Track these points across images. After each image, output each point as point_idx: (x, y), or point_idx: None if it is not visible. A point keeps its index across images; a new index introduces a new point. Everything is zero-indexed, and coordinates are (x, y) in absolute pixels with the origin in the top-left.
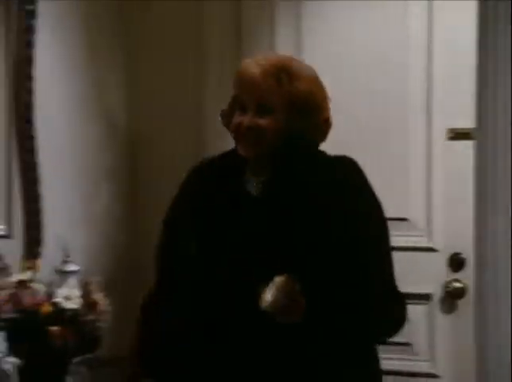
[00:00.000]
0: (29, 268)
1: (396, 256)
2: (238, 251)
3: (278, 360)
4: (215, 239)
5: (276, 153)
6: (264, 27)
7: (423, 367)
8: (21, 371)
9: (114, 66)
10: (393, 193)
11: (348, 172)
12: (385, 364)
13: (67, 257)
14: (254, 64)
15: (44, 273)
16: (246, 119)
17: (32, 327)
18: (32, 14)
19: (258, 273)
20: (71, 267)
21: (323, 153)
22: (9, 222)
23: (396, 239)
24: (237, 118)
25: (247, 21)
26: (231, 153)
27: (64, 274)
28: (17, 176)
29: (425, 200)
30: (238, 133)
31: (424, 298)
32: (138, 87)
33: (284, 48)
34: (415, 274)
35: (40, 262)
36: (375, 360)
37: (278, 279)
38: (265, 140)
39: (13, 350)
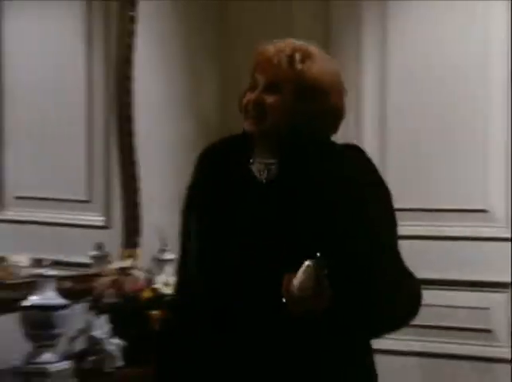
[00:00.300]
0: (128, 256)
1: (476, 246)
2: (246, 235)
3: (285, 346)
4: (223, 224)
5: (282, 136)
6: (351, 26)
7: (502, 353)
8: (125, 352)
9: (208, 66)
10: (473, 185)
11: (356, 160)
12: (465, 349)
13: (165, 246)
14: (270, 46)
15: (143, 261)
16: (253, 95)
17: (133, 311)
18: (132, 19)
19: (265, 257)
20: (169, 256)
21: (331, 141)
22: (108, 214)
23: (476, 230)
24: (247, 96)
25: (335, 20)
26: (240, 136)
27: (162, 262)
28: (116, 171)
29: (505, 191)
30: (246, 109)
31: (504, 286)
32: (231, 88)
33: (370, 46)
34: (495, 263)
35: (139, 250)
36: (371, 358)
37: (308, 263)
38: (269, 117)
39: (116, 332)
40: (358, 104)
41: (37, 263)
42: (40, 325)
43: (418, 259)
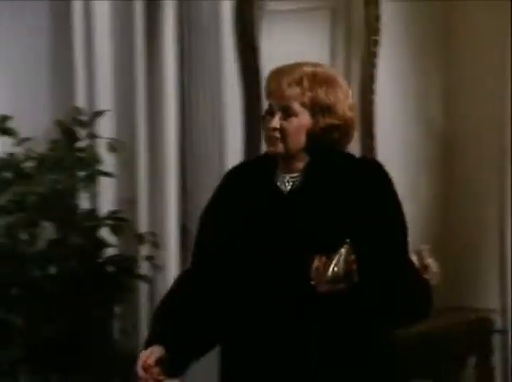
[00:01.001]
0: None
1: None
2: (269, 235)
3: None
4: (246, 232)
5: (301, 154)
6: None
7: None
8: None
9: (434, 71)
10: None
11: (374, 175)
12: None
13: None
14: (279, 73)
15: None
16: (272, 122)
17: None
18: (375, 43)
19: (284, 264)
20: None
21: (349, 155)
22: None
23: None
24: (268, 122)
25: None
26: (264, 156)
27: None
28: None
29: None
30: (267, 134)
31: None
32: (455, 92)
33: None
34: None
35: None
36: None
37: (343, 250)
38: (288, 140)
39: None
40: None
41: None
42: None
43: None
